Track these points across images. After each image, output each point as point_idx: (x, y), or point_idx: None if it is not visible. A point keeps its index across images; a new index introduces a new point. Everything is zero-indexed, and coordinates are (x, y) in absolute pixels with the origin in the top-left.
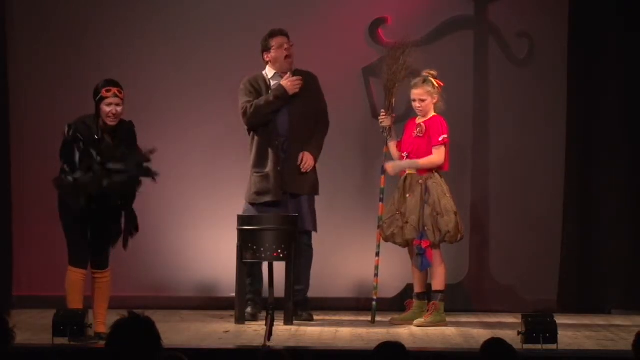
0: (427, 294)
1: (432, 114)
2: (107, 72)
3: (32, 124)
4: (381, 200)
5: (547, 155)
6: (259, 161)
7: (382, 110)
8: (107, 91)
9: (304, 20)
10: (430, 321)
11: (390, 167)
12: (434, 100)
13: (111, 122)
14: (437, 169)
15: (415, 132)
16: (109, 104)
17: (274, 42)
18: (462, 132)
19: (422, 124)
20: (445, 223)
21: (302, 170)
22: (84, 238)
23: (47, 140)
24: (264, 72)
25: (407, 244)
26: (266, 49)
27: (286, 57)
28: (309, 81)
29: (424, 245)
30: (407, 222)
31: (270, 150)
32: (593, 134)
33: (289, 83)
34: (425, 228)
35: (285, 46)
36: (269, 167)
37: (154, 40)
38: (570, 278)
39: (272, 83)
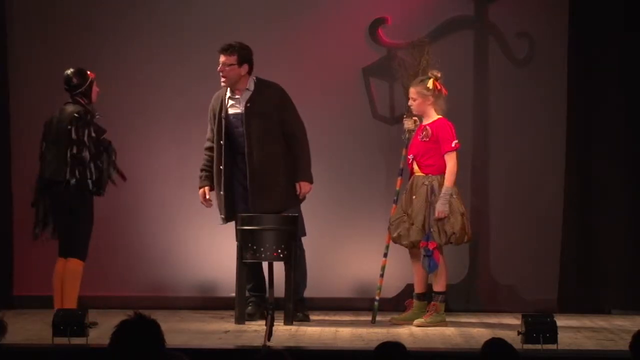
0: (428, 294)
1: (435, 116)
2: (106, 71)
3: (32, 123)
4: (394, 202)
5: (547, 155)
6: (216, 179)
7: (405, 114)
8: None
9: (304, 20)
10: (430, 321)
11: (441, 211)
12: (428, 102)
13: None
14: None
15: (421, 135)
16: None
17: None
18: (462, 132)
19: (427, 127)
20: (450, 225)
21: (300, 197)
22: None
23: None
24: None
25: (413, 245)
26: None
27: (221, 76)
28: (269, 95)
29: (430, 247)
30: (412, 224)
31: (225, 170)
32: (593, 134)
33: None
34: (432, 230)
35: (220, 67)
36: (223, 187)
37: (153, 40)
38: (570, 278)
39: (229, 103)
